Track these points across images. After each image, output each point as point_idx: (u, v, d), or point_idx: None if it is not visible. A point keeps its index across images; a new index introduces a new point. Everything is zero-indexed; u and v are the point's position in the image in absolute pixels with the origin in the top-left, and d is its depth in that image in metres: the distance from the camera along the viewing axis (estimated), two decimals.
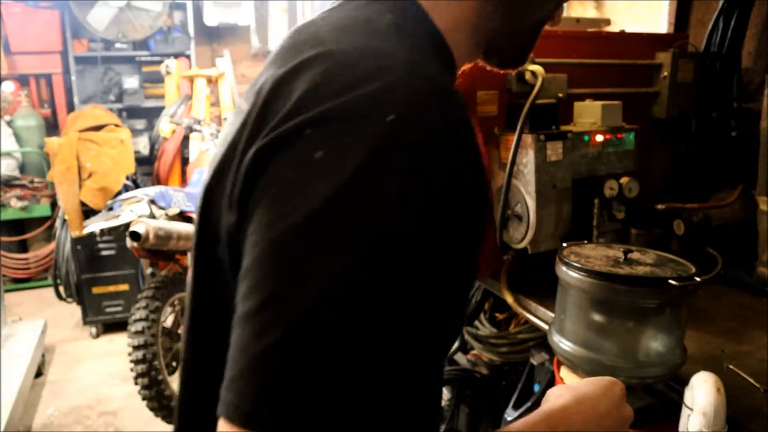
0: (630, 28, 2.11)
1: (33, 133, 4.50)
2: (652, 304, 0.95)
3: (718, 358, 1.12)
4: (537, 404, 1.40)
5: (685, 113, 1.65)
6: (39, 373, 3.24)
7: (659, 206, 1.46)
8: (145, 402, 2.56)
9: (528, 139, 1.28)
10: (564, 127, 1.35)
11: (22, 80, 4.69)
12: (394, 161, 0.43)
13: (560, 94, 1.44)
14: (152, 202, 2.71)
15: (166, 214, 2.72)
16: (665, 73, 1.60)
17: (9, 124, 4.45)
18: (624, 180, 1.37)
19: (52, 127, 4.76)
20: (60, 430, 2.85)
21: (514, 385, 1.55)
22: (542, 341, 1.46)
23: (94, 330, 3.75)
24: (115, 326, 3.75)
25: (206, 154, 3.52)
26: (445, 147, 0.45)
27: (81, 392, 3.15)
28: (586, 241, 1.11)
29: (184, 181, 4.19)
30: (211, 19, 5.07)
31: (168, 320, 2.82)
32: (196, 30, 5.11)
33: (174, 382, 2.74)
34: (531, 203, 1.30)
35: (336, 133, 0.43)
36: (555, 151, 1.30)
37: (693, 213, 1.50)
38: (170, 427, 2.64)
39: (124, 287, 3.71)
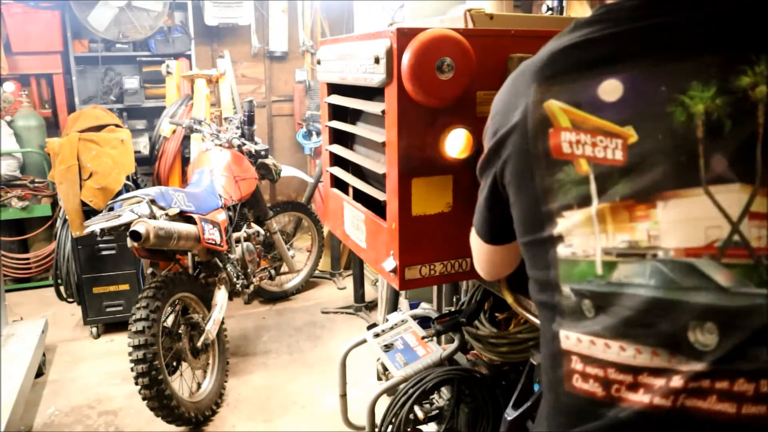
0: None
1: (34, 133, 4.50)
2: None
3: None
4: (537, 404, 1.40)
5: None
6: (40, 373, 3.25)
7: None
8: (145, 402, 2.56)
9: None
10: None
11: (23, 80, 4.70)
12: None
13: None
14: (153, 202, 2.71)
15: (167, 214, 2.72)
16: None
17: (10, 124, 4.45)
18: None
19: (52, 127, 4.77)
20: (61, 429, 2.86)
21: (514, 384, 1.55)
22: None
23: (94, 330, 3.76)
24: (116, 326, 3.76)
25: (206, 154, 3.50)
26: None
27: (82, 392, 3.16)
28: None
29: (184, 181, 4.19)
30: (211, 19, 5.09)
31: (168, 320, 2.82)
32: (197, 30, 5.12)
33: (174, 382, 2.74)
34: None
35: None
36: None
37: None
38: (170, 427, 2.65)
39: (125, 287, 3.72)
